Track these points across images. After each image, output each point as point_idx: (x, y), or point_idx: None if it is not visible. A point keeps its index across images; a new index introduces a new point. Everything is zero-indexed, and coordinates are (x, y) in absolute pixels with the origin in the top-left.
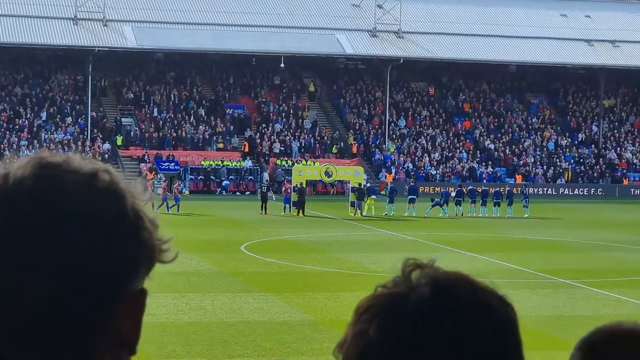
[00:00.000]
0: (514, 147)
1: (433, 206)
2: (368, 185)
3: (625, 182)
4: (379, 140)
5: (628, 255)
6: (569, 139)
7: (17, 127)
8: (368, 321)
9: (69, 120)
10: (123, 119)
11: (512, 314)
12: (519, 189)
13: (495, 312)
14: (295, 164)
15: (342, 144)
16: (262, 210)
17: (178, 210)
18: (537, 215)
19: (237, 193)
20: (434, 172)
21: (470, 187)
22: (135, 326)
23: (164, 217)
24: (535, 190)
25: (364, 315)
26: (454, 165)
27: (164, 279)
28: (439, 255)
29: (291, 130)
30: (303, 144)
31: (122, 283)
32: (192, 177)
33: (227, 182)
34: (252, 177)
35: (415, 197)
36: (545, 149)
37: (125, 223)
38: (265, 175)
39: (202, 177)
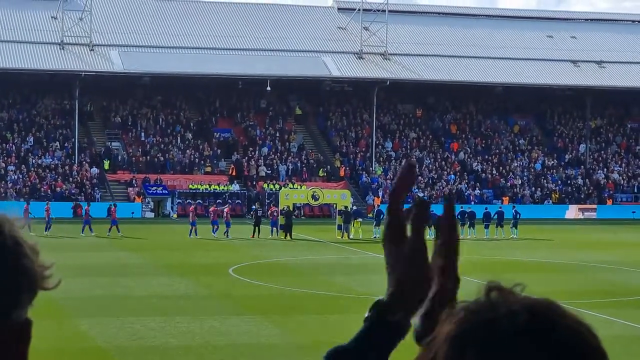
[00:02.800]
0: (501, 168)
1: None
2: (354, 208)
3: (610, 202)
4: (365, 163)
5: (615, 276)
6: (556, 160)
7: (4, 152)
8: (460, 348)
9: (56, 144)
10: (110, 143)
11: (600, 344)
12: (516, 213)
13: (587, 341)
14: (282, 187)
15: (329, 167)
16: (253, 234)
17: (228, 236)
18: (524, 237)
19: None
20: (421, 194)
21: (462, 209)
22: (22, 357)
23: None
24: (523, 211)
25: (456, 341)
26: (442, 187)
27: (153, 302)
28: None
29: (278, 154)
30: (290, 168)
31: (4, 313)
32: (180, 200)
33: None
34: (239, 201)
35: None
36: (532, 170)
37: (3, 251)
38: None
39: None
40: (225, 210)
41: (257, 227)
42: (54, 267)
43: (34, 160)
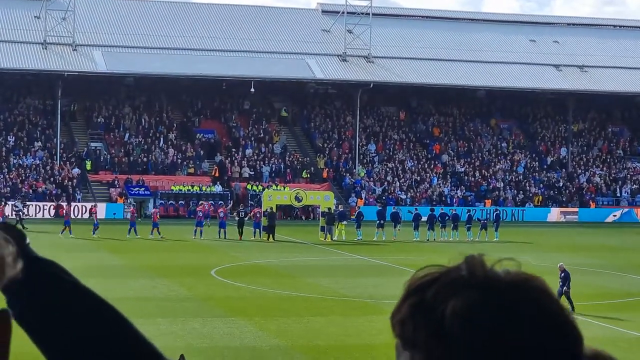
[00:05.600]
0: (483, 171)
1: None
2: (339, 210)
3: (593, 205)
4: (349, 165)
5: (594, 279)
6: (538, 163)
7: None
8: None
9: (37, 144)
10: (92, 144)
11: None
12: (496, 213)
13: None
14: (266, 189)
15: (312, 168)
16: (240, 236)
17: (221, 236)
18: (507, 239)
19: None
20: (403, 196)
21: (442, 212)
22: (2, 351)
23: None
24: (505, 214)
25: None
26: (424, 189)
27: (133, 304)
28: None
29: (261, 155)
30: (273, 169)
31: None
32: (162, 201)
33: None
34: (222, 202)
35: (383, 221)
36: (514, 173)
37: None
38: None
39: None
40: (221, 209)
41: (240, 229)
42: None
43: (15, 160)
